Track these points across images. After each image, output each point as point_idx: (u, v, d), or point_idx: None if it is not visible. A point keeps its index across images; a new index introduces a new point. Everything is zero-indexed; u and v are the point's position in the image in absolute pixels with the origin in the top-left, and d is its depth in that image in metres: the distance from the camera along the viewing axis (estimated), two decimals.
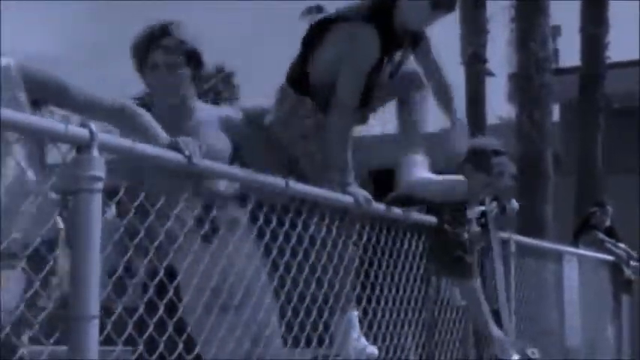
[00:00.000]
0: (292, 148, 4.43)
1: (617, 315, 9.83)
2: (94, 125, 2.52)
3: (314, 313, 3.86)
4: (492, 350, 5.42)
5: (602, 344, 9.10)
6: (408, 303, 4.79)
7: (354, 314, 4.26)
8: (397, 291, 4.66)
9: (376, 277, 4.50)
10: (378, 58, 4.28)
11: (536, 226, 14.68)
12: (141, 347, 2.93)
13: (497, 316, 5.46)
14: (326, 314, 3.99)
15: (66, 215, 3.07)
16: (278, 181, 3.46)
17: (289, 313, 3.72)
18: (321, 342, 4.07)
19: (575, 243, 10.14)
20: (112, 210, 3.32)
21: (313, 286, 3.86)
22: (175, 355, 3.05)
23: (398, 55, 4.46)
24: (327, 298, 4.03)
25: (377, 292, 4.53)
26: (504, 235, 6.08)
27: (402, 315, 4.73)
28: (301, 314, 3.74)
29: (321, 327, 3.97)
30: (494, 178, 5.13)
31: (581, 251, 8.79)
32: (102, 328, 2.55)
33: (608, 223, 10.76)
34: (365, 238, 4.36)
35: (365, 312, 4.42)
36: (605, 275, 9.50)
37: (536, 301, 6.75)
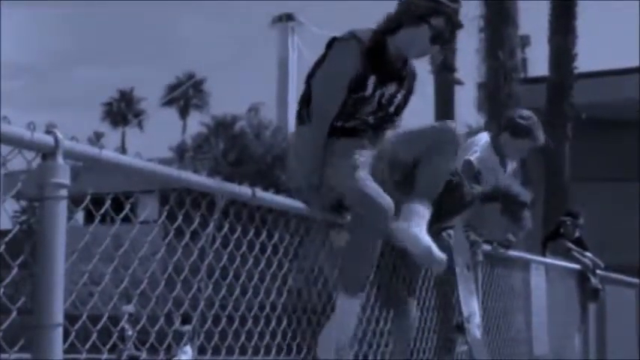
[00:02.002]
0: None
1: (583, 323, 9.89)
2: (59, 132, 2.51)
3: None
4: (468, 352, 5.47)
5: (569, 353, 9.15)
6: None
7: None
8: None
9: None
10: (361, 75, 4.21)
11: None
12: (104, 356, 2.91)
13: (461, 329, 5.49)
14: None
15: (33, 222, 3.05)
16: (244, 189, 3.46)
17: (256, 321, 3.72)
18: (290, 351, 4.08)
19: (543, 252, 10.19)
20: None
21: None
22: None
23: (391, 88, 4.41)
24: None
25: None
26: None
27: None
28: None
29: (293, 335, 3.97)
30: (515, 228, 5.20)
31: (549, 260, 8.84)
32: (66, 336, 2.53)
33: (577, 234, 10.81)
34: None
35: None
36: (572, 284, 9.55)
37: (503, 309, 6.78)
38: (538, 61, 22.58)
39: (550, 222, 12.23)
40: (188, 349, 16.36)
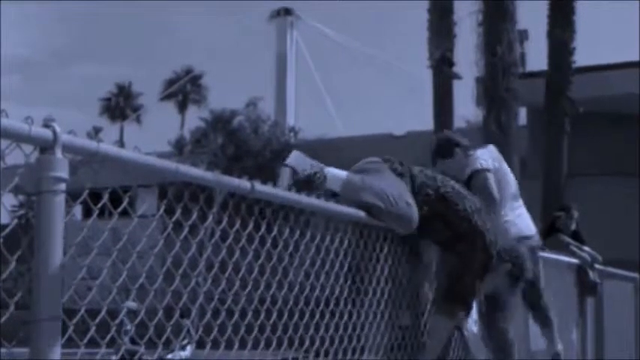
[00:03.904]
0: None
1: (582, 318, 9.89)
2: (57, 126, 2.50)
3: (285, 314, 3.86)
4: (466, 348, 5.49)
5: (567, 347, 9.15)
6: (386, 305, 4.83)
7: None
8: (375, 294, 4.68)
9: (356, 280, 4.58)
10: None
11: None
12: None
13: None
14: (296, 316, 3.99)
15: (32, 216, 3.04)
16: (243, 183, 3.45)
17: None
18: (291, 344, 4.08)
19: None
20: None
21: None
22: None
23: None
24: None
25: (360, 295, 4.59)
26: None
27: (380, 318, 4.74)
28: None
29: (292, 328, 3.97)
30: (510, 291, 5.55)
31: (547, 254, 8.83)
32: (64, 331, 2.53)
33: (574, 227, 10.82)
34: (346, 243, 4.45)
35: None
36: (570, 278, 9.55)
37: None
38: (537, 56, 22.55)
39: (549, 216, 12.21)
40: (187, 347, 16.36)
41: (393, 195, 4.61)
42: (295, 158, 4.59)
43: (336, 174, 4.60)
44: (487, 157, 6.37)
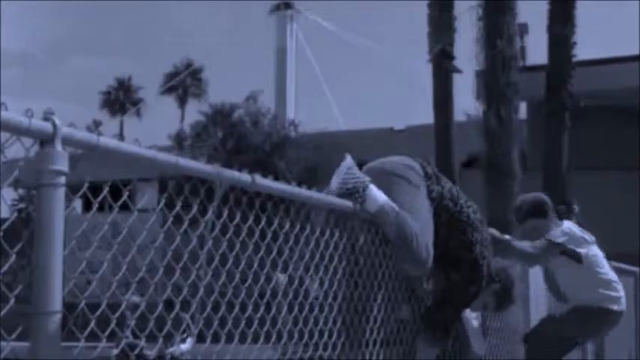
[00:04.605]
0: None
1: None
2: (57, 119, 2.50)
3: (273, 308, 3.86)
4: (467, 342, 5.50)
5: None
6: (384, 299, 4.83)
7: None
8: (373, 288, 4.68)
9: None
10: None
11: (502, 222, 14.75)
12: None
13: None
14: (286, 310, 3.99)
15: (32, 210, 3.04)
16: (244, 176, 3.45)
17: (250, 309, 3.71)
18: (290, 338, 4.07)
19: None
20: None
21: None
22: None
23: None
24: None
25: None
26: None
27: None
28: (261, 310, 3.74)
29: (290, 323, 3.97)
30: (494, 311, 5.68)
31: None
32: (64, 324, 2.52)
33: (574, 221, 10.81)
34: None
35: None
36: None
37: None
38: (537, 50, 22.54)
39: None
40: (188, 339, 16.35)
41: (419, 241, 4.57)
42: (346, 168, 4.57)
43: (375, 198, 4.51)
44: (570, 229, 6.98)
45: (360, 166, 4.79)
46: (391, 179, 4.73)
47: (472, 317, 5.60)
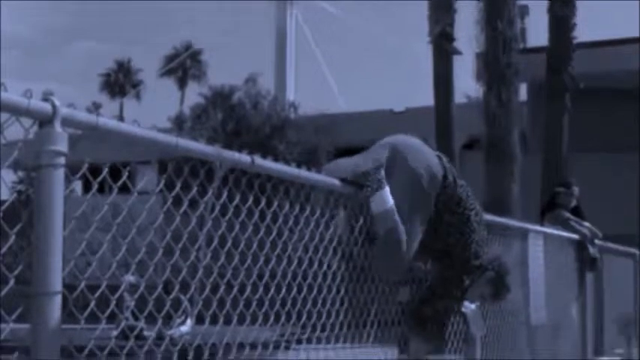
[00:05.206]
0: None
1: (581, 293, 9.91)
2: (56, 99, 2.49)
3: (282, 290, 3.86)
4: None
5: (567, 322, 9.18)
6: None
7: None
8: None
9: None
10: None
11: (502, 205, 14.77)
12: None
13: None
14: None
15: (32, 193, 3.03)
16: (243, 157, 3.45)
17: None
18: (289, 319, 4.08)
19: (541, 222, 10.20)
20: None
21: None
22: None
23: None
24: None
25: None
26: None
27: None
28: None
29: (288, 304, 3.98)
30: (491, 301, 5.48)
31: (547, 229, 8.84)
32: (64, 306, 2.52)
33: (574, 203, 10.82)
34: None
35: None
36: (570, 253, 9.57)
37: None
38: (537, 32, 22.48)
39: (548, 193, 12.21)
40: (187, 321, 16.41)
41: (402, 252, 4.51)
42: (375, 153, 4.58)
43: (384, 200, 4.46)
44: None
45: (358, 149, 4.79)
46: (407, 176, 4.65)
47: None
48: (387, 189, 4.46)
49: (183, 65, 70.05)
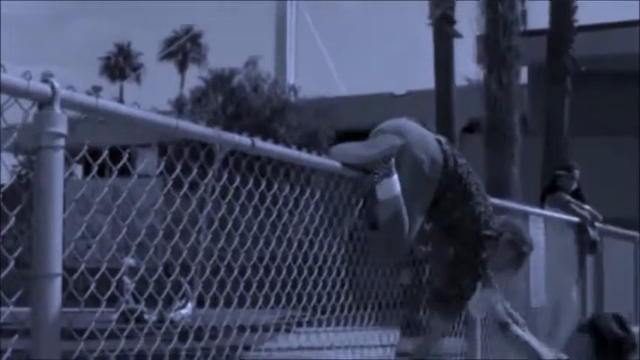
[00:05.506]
0: None
1: (581, 276, 9.92)
2: (56, 81, 2.48)
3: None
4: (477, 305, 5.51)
5: (567, 304, 9.19)
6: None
7: None
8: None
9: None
10: None
11: (502, 187, 14.76)
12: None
13: None
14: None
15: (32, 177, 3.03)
16: (244, 139, 3.44)
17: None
18: (289, 301, 4.08)
19: (541, 204, 10.19)
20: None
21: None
22: None
23: None
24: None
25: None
26: None
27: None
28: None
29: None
30: (518, 263, 5.37)
31: (547, 212, 8.84)
32: (65, 289, 2.52)
33: (575, 186, 10.81)
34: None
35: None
36: (570, 236, 9.57)
37: None
38: (538, 14, 22.40)
39: (549, 176, 12.19)
40: (187, 304, 16.44)
41: (402, 237, 4.51)
42: (385, 141, 4.56)
43: (391, 188, 4.44)
44: None
45: (359, 133, 4.78)
46: (410, 159, 4.64)
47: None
48: (396, 177, 4.44)
49: (184, 48, 69.97)
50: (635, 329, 4.24)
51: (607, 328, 4.12)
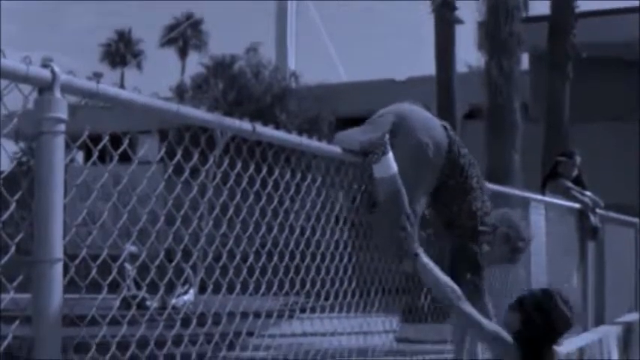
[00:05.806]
0: None
1: (582, 262, 9.92)
2: (56, 66, 2.47)
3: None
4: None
5: (568, 291, 9.19)
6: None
7: None
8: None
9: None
10: None
11: (503, 174, 14.76)
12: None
13: None
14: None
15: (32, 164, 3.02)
16: (245, 124, 3.43)
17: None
18: (292, 287, 4.08)
19: (542, 191, 10.19)
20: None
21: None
22: None
23: None
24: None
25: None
26: None
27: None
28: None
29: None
30: (512, 258, 5.32)
31: (548, 199, 8.83)
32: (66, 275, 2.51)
33: (576, 172, 10.80)
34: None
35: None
36: (571, 223, 9.56)
37: None
38: (539, 0, 22.39)
39: (550, 162, 12.19)
40: (190, 290, 16.47)
41: (409, 214, 4.49)
42: (381, 121, 4.54)
43: (388, 166, 4.39)
44: None
45: (360, 119, 4.77)
46: (413, 145, 4.61)
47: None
48: (391, 154, 4.41)
49: (184, 35, 69.92)
50: (634, 316, 4.24)
51: (533, 304, 4.14)
